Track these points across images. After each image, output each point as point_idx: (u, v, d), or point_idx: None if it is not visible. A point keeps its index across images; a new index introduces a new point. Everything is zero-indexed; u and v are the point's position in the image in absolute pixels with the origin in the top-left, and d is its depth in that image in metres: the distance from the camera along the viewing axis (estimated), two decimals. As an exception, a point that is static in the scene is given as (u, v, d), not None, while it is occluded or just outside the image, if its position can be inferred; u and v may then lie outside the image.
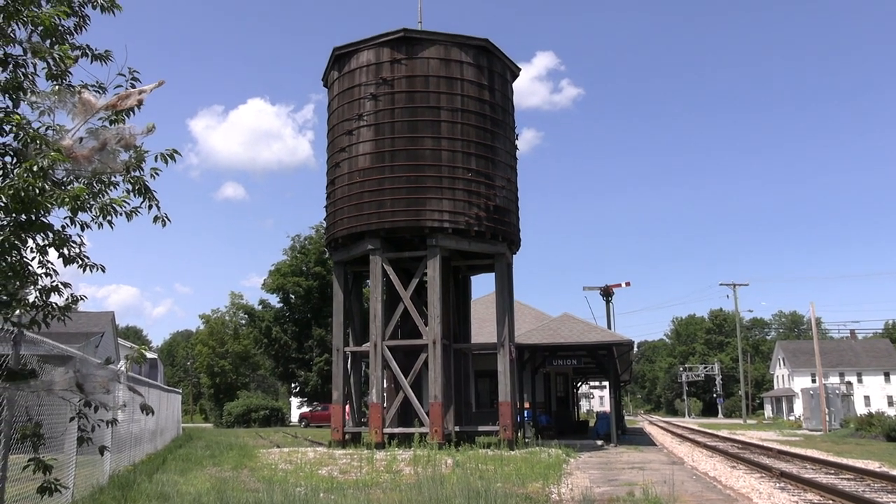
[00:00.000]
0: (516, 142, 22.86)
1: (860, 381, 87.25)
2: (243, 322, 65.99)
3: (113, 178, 4.78)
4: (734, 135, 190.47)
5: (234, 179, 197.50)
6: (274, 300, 55.42)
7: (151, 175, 4.60)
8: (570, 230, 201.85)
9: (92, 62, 5.62)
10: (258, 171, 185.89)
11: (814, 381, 74.12)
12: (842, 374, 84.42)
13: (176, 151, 4.72)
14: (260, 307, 56.23)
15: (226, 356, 69.26)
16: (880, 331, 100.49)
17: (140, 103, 4.62)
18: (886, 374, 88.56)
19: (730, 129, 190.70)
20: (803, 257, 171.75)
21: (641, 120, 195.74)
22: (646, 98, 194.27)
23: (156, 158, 4.57)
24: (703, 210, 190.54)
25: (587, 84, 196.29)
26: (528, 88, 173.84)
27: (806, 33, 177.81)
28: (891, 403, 76.50)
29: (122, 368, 7.38)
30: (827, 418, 42.98)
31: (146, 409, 7.24)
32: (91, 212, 4.77)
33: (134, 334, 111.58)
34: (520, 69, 23.06)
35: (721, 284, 70.03)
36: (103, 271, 5.50)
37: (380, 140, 20.22)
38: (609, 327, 43.34)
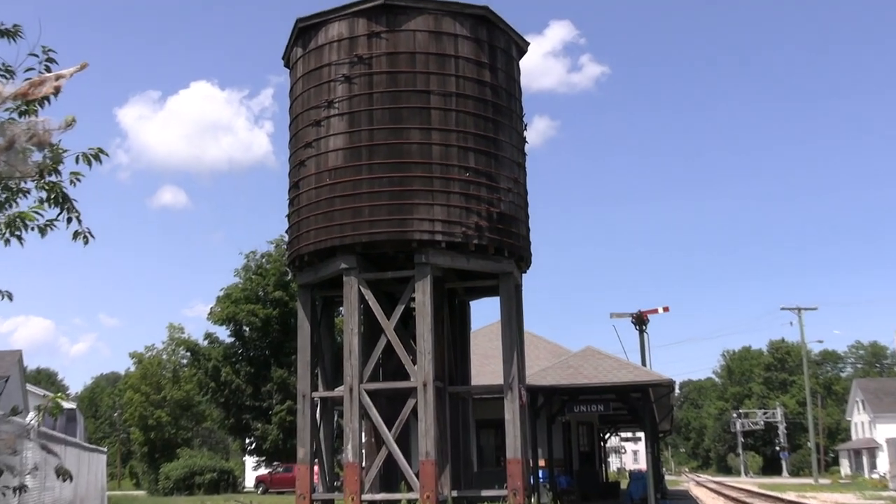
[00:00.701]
0: (525, 133, 22.99)
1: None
2: (185, 362, 65.93)
3: (23, 185, 4.80)
4: (798, 126, 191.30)
5: (173, 182, 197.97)
6: (223, 334, 55.43)
7: (71, 181, 4.62)
8: (593, 243, 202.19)
9: (-3, 39, 5.65)
10: (204, 171, 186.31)
11: (901, 428, 74.07)
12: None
13: (102, 151, 4.75)
14: (206, 343, 56.20)
15: (163, 405, 69.06)
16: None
17: (57, 91, 4.66)
18: None
19: (792, 120, 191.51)
20: (885, 275, 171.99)
21: (681, 106, 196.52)
22: (686, 78, 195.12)
23: (77, 160, 4.60)
24: (759, 218, 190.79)
25: (613, 60, 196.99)
26: (540, 67, 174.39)
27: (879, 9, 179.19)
28: None
29: (33, 422, 7.38)
30: (918, 476, 42.90)
31: (62, 473, 7.24)
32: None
33: (47, 378, 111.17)
34: (528, 44, 23.21)
35: (783, 309, 70.08)
36: (10, 300, 5.51)
37: (355, 132, 20.32)
38: (644, 364, 43.35)
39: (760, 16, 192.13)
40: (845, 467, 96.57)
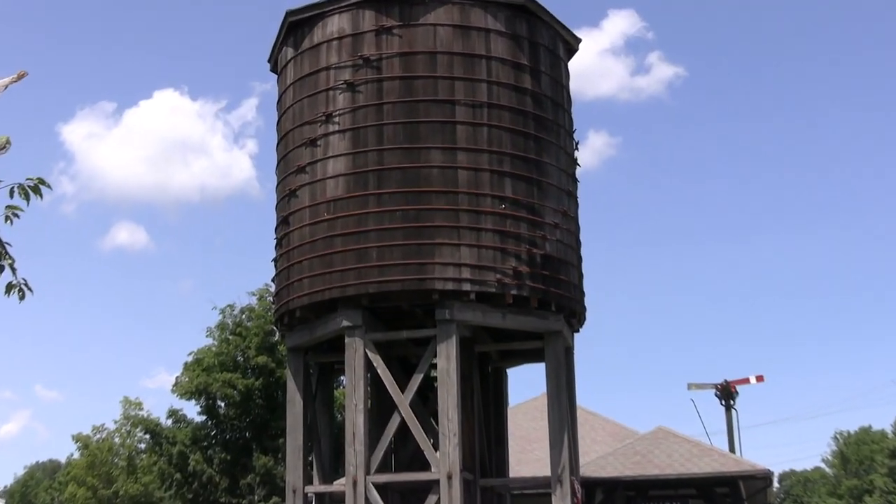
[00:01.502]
0: (576, 154, 23.08)
1: None
2: (143, 446, 65.90)
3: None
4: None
5: (130, 218, 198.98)
6: (192, 410, 55.51)
7: (7, 217, 4.67)
8: (665, 292, 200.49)
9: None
10: (169, 203, 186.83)
11: None
12: None
13: (42, 182, 4.80)
14: (170, 422, 56.19)
15: (115, 501, 69.03)
16: None
17: (-12, 107, 4.73)
18: None
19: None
20: None
21: (778, 119, 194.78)
22: (787, 83, 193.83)
23: (11, 193, 4.65)
24: (880, 261, 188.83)
25: (690, 59, 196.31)
26: (596, 68, 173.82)
27: None
28: None
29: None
30: None
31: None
32: None
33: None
34: (580, 40, 23.39)
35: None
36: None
37: (360, 154, 20.48)
38: (732, 449, 43.03)
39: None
40: None
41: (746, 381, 47.81)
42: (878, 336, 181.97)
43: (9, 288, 5.19)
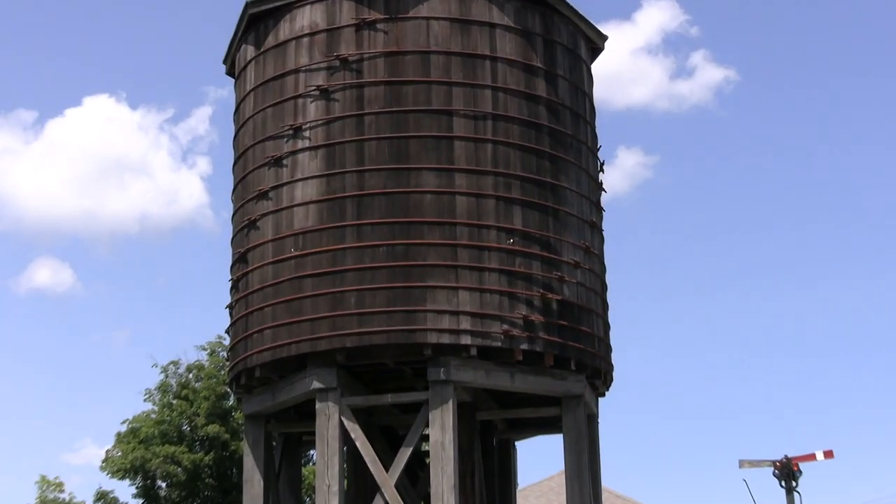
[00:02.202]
0: (601, 176, 23.17)
1: None
2: (64, 537, 65.68)
3: None
4: None
5: (53, 253, 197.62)
6: (125, 491, 55.22)
7: None
8: (711, 347, 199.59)
9: None
10: (102, 236, 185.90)
11: None
12: None
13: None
14: (99, 506, 56.03)
15: None
16: None
17: None
18: None
19: None
20: None
21: (854, 133, 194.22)
22: (864, 84, 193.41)
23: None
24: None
25: (742, 60, 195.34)
26: (629, 71, 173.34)
27: None
28: None
29: None
30: None
31: None
32: None
33: None
34: (606, 38, 23.57)
35: None
36: None
37: (336, 176, 20.56)
38: (794, 541, 42.83)
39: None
40: None
41: (812, 457, 47.68)
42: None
43: None
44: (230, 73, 23.77)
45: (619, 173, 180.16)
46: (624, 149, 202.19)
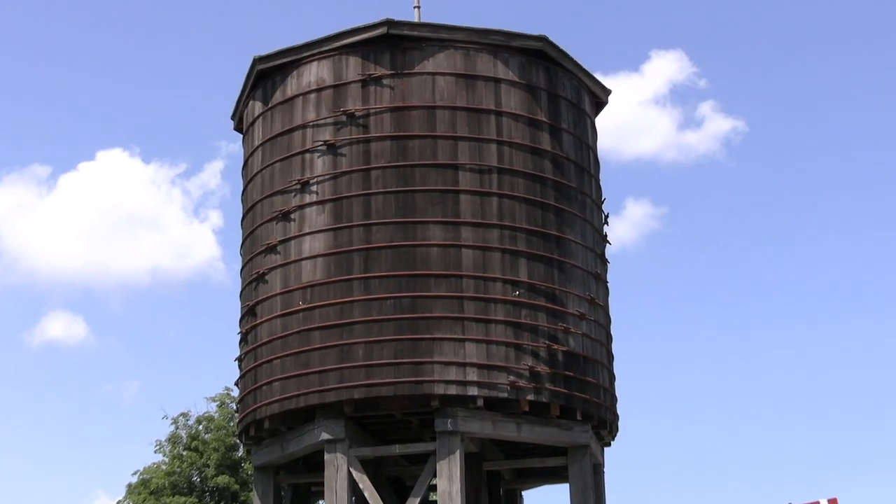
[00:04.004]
0: (605, 228, 23.18)
1: None
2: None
3: None
4: None
5: (66, 306, 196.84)
6: (136, 543, 54.89)
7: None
8: (717, 399, 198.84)
9: None
10: (114, 289, 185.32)
11: None
12: None
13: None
14: (109, 557, 55.75)
15: None
16: None
17: None
18: None
19: None
20: None
21: (857, 181, 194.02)
22: (865, 137, 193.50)
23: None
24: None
25: (751, 111, 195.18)
26: (636, 121, 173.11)
27: None
28: None
29: None
30: None
31: None
32: None
33: None
34: (609, 92, 23.63)
35: None
36: None
37: (343, 230, 20.57)
38: (801, 589, 42.52)
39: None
40: None
41: (817, 504, 47.51)
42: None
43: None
44: (238, 128, 23.82)
45: (628, 224, 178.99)
46: (632, 200, 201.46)
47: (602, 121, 23.99)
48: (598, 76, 23.37)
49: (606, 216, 23.35)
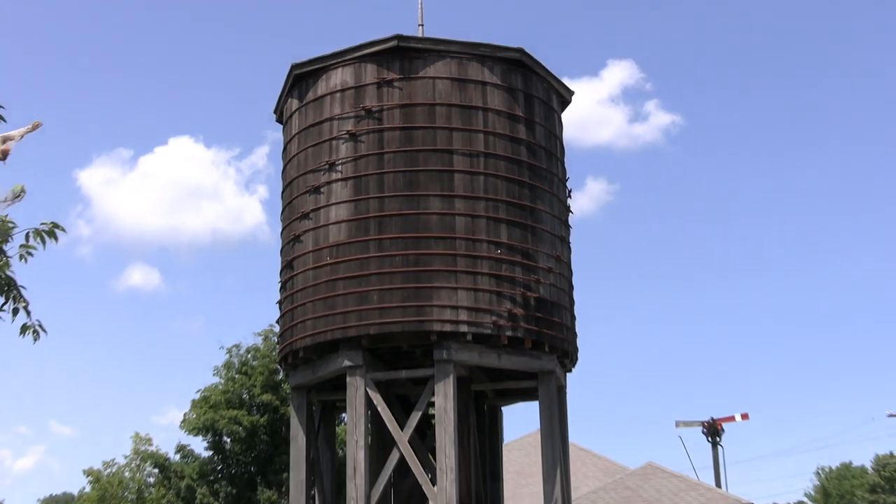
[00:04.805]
0: (569, 201, 23.10)
1: None
2: (152, 480, 65.47)
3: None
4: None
5: (144, 260, 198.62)
6: (199, 446, 55.16)
7: (21, 256, 4.67)
8: (656, 337, 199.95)
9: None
10: (182, 246, 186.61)
11: None
12: None
13: (57, 226, 4.79)
14: (178, 457, 55.84)
15: (124, 534, 68.46)
16: None
17: (5, 155, 4.73)
18: None
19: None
20: None
21: (769, 165, 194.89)
22: (778, 134, 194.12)
23: (27, 237, 4.65)
24: (862, 309, 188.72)
25: (686, 108, 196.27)
26: (595, 116, 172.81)
27: None
28: None
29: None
30: None
31: None
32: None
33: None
34: (572, 93, 23.48)
35: (890, 416, 69.19)
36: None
37: (362, 201, 20.49)
38: (718, 484, 42.80)
39: (877, 57, 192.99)
40: None
41: (732, 418, 47.63)
42: (860, 376, 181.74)
43: (23, 329, 5.17)
44: (279, 120, 23.66)
45: (587, 198, 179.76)
46: (591, 178, 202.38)
47: (567, 115, 23.87)
48: (565, 80, 23.24)
49: (570, 191, 23.27)
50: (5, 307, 5.10)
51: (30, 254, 4.96)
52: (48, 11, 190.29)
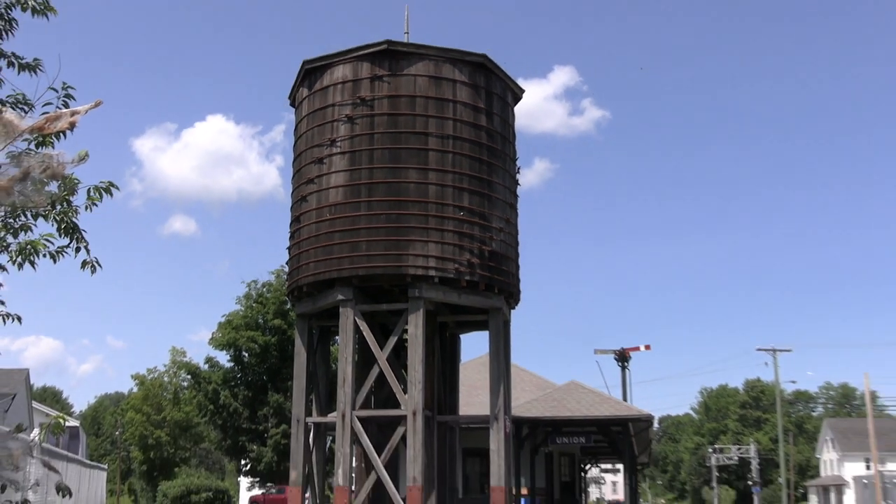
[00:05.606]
0: (517, 176, 23.05)
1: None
2: (185, 384, 65.48)
3: (36, 213, 4.79)
4: (781, 180, 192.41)
5: (184, 212, 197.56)
6: (223, 358, 54.97)
7: (86, 207, 4.64)
8: (582, 283, 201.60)
9: (19, 73, 5.66)
10: (214, 201, 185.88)
11: (868, 467, 73.87)
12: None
13: (112, 184, 4.76)
14: (206, 367, 55.79)
15: (163, 425, 68.49)
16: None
17: (72, 126, 4.66)
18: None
19: (779, 173, 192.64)
20: (857, 321, 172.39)
21: (674, 154, 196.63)
22: (681, 128, 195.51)
23: (88, 192, 4.62)
24: (740, 265, 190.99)
25: (613, 105, 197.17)
26: (542, 109, 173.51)
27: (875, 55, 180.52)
28: (960, 496, 76.11)
29: (36, 439, 7.30)
30: (884, 513, 42.76)
31: (62, 489, 7.16)
32: (7, 253, 4.79)
33: (52, 396, 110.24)
34: (523, 91, 23.36)
35: (759, 350, 70.05)
36: (20, 322, 5.49)
37: (355, 171, 20.36)
38: (625, 399, 43.28)
39: (758, 61, 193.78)
40: (814, 502, 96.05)
41: (637, 349, 48.08)
42: (738, 320, 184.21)
43: (84, 264, 5.11)
44: (292, 105, 23.39)
45: (534, 174, 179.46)
46: (538, 159, 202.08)
47: (519, 108, 23.73)
48: (519, 80, 23.08)
49: (519, 168, 23.17)
50: (70, 246, 5.06)
51: (95, 204, 4.92)
52: (114, 18, 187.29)
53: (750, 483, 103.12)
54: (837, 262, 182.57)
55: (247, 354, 53.37)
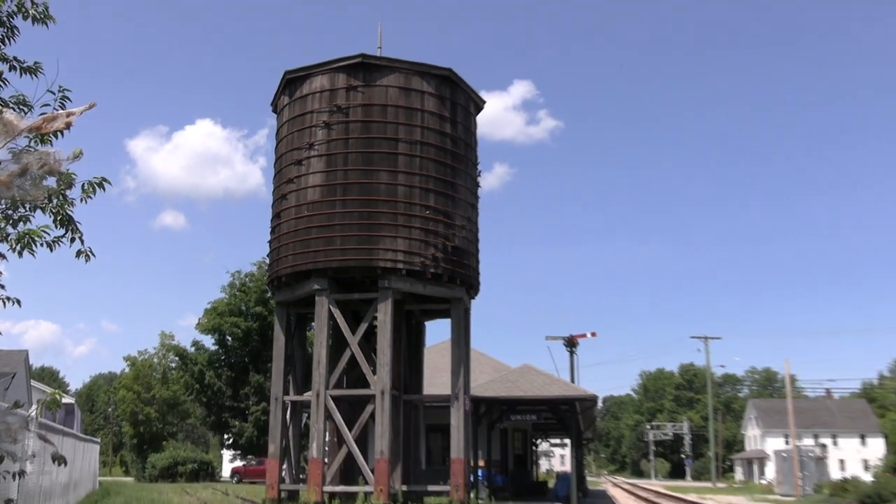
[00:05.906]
0: (478, 179, 23.05)
1: (835, 443, 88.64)
2: (173, 365, 64.76)
3: (35, 206, 4.71)
4: (713, 186, 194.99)
5: (174, 207, 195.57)
6: (209, 342, 54.56)
7: (82, 199, 4.56)
8: (536, 276, 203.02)
9: (21, 75, 5.56)
10: (202, 198, 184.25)
11: (787, 442, 75.15)
12: (816, 436, 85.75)
13: (105, 180, 4.68)
14: (193, 349, 55.27)
15: (152, 403, 67.68)
16: (857, 390, 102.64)
17: (68, 126, 4.58)
18: (862, 437, 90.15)
19: (711, 179, 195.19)
20: (779, 313, 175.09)
21: (620, 161, 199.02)
22: (627, 138, 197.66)
23: (83, 187, 4.53)
24: (675, 260, 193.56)
25: (567, 116, 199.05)
26: (502, 119, 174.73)
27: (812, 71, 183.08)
28: (866, 468, 77.80)
29: (34, 414, 7.20)
30: (800, 483, 43.57)
31: (58, 459, 7.06)
32: (7, 242, 4.71)
33: (49, 376, 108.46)
34: (485, 102, 23.37)
35: (692, 338, 70.94)
36: (19, 305, 5.39)
37: (331, 172, 20.23)
38: (572, 380, 43.50)
39: (700, 75, 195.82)
40: (739, 474, 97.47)
41: (585, 335, 48.30)
42: (674, 310, 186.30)
43: (78, 254, 5.02)
44: (274, 111, 23.19)
45: (495, 177, 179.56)
46: (498, 164, 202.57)
47: (481, 118, 23.72)
48: (481, 93, 23.07)
49: (480, 172, 23.15)
50: (66, 237, 4.98)
51: (89, 197, 4.86)
52: (109, 24, 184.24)
53: (683, 456, 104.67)
54: (763, 260, 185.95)
55: (230, 338, 52.98)
